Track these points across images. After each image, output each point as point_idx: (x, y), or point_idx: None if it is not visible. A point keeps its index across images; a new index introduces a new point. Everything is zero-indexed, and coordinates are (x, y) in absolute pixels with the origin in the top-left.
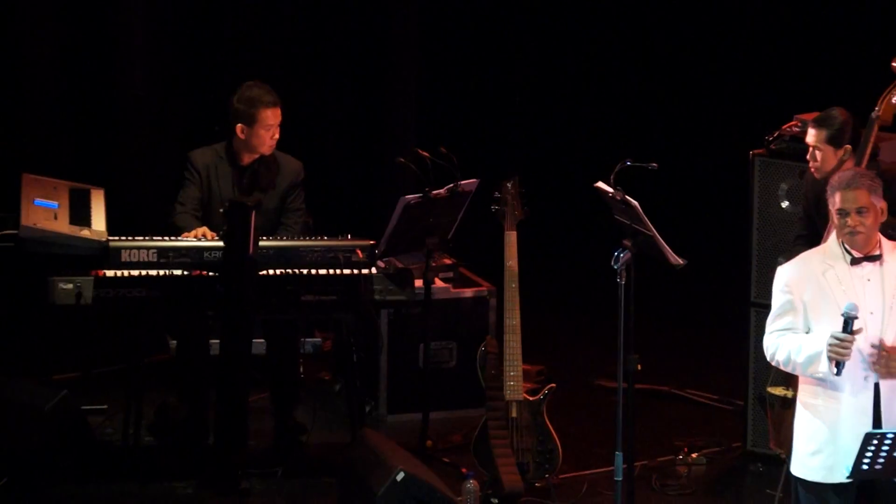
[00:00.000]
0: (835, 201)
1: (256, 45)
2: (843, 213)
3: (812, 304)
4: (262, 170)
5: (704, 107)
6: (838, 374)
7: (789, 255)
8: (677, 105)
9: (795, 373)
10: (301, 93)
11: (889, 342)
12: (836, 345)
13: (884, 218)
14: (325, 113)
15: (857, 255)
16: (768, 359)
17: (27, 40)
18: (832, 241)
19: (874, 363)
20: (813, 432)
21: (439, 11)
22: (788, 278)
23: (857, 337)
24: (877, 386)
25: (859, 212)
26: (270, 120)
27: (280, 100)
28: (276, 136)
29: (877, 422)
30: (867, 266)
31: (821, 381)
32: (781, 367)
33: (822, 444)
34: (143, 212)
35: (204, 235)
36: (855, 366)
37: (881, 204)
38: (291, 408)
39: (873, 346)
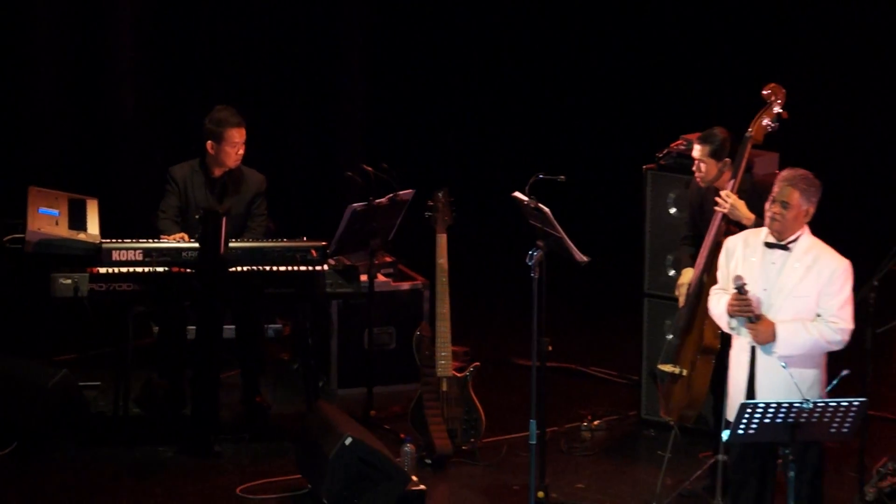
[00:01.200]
0: (774, 189)
1: (228, 75)
2: (773, 200)
3: (734, 271)
4: (230, 181)
5: (606, 128)
6: (735, 329)
7: (676, 253)
8: (584, 127)
9: (720, 323)
10: (266, 117)
11: (770, 317)
12: (732, 304)
13: (807, 219)
14: (286, 133)
15: (771, 241)
16: (710, 309)
17: (34, 73)
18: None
19: (749, 328)
20: (732, 382)
21: (381, 51)
22: (727, 249)
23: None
24: (753, 351)
25: (783, 205)
26: (236, 138)
27: (245, 121)
28: (242, 152)
29: (751, 377)
30: (777, 252)
31: (735, 343)
32: (715, 318)
33: (732, 390)
34: (131, 218)
35: (182, 238)
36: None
37: (809, 207)
38: (256, 383)
39: (752, 326)
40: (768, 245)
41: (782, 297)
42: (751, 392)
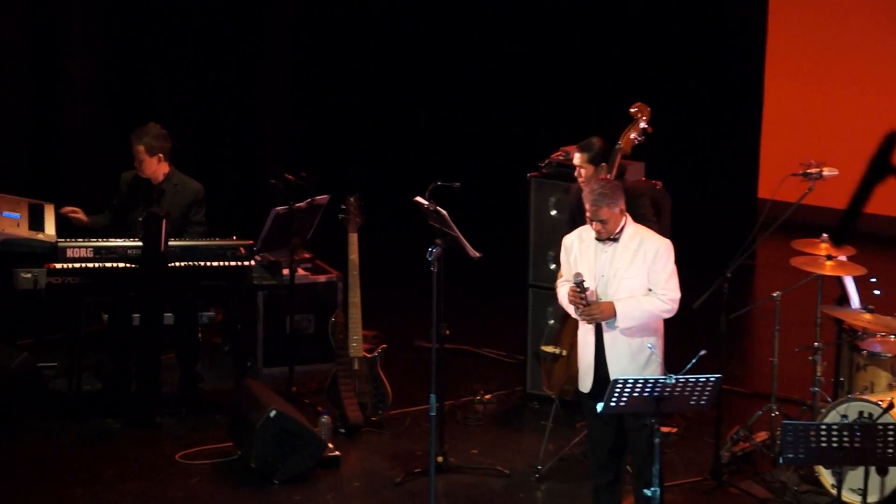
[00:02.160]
0: (587, 209)
1: (171, 93)
2: (591, 221)
3: (573, 263)
4: (168, 188)
5: (496, 141)
6: (578, 314)
7: (557, 249)
8: (477, 140)
9: (567, 309)
10: (202, 131)
11: (605, 298)
12: (570, 295)
13: (623, 214)
14: (219, 145)
15: (601, 238)
16: (560, 297)
17: None
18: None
19: (582, 313)
20: (581, 358)
21: (302, 75)
22: (565, 246)
23: (588, 290)
24: (599, 329)
25: (602, 223)
26: (136, 152)
27: (140, 139)
28: (143, 167)
29: (599, 351)
30: (608, 244)
31: (582, 325)
32: (563, 306)
33: (581, 366)
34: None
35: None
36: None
37: (619, 207)
38: (192, 363)
39: (588, 309)
40: (600, 240)
41: (617, 280)
42: (598, 366)
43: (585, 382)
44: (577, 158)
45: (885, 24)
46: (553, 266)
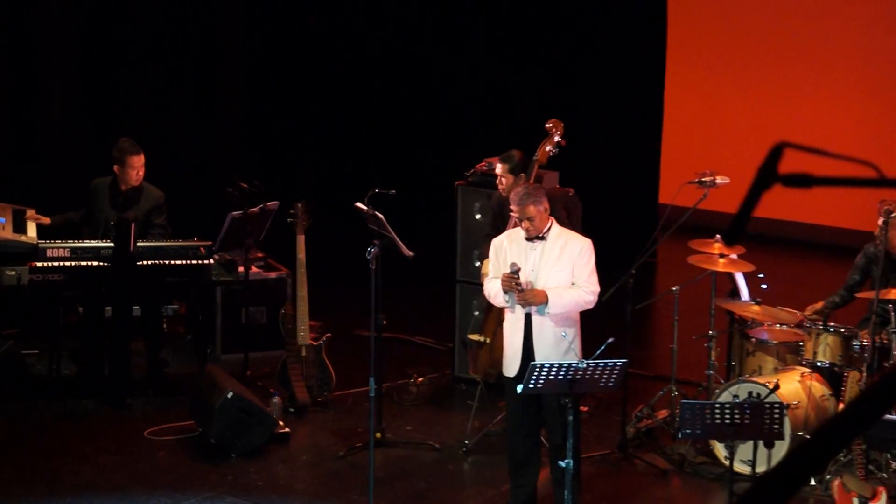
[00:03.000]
0: (514, 210)
1: (137, 110)
2: (520, 220)
3: (503, 260)
4: (133, 195)
5: (427, 154)
6: (509, 302)
7: (481, 249)
8: (411, 153)
9: (495, 301)
10: (165, 144)
11: (536, 287)
12: (504, 281)
13: (548, 212)
14: (180, 156)
15: (530, 236)
16: (485, 292)
17: None
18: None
19: (518, 298)
20: (509, 344)
21: (254, 89)
22: (494, 247)
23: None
24: (528, 318)
25: (529, 220)
26: (135, 163)
27: (142, 150)
28: (141, 173)
29: (528, 338)
30: (537, 242)
31: (508, 311)
32: (489, 297)
33: (509, 352)
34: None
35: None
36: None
37: (544, 206)
38: (158, 350)
39: (522, 294)
40: (529, 239)
41: (545, 273)
42: (526, 352)
43: (512, 367)
44: (498, 169)
45: (774, 44)
46: (477, 264)
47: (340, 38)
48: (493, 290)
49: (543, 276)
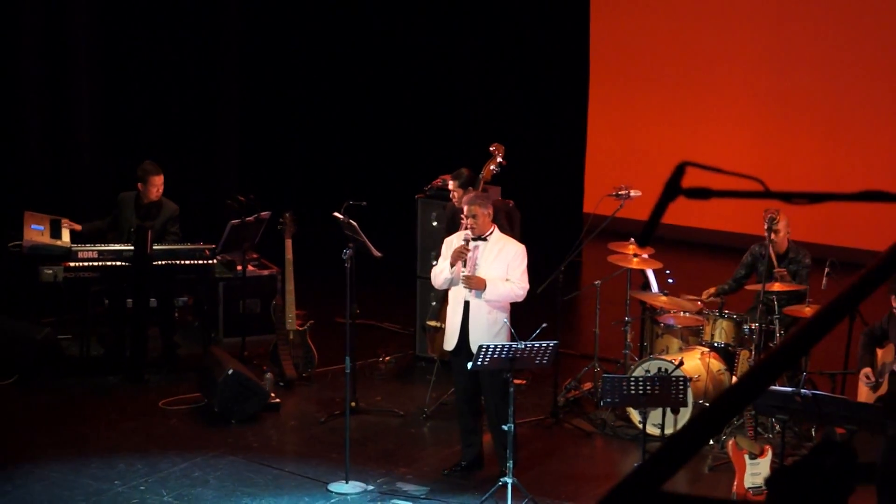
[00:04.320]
0: (464, 209)
1: (157, 137)
2: (467, 217)
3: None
4: (153, 208)
5: (393, 171)
6: (446, 284)
7: (437, 250)
8: (379, 170)
9: (436, 282)
10: (177, 164)
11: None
12: (454, 254)
13: (491, 217)
14: (188, 174)
15: (473, 236)
16: (431, 273)
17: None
18: None
19: (464, 284)
20: (449, 323)
21: (251, 113)
22: (447, 242)
23: (461, 273)
24: (467, 304)
25: (474, 217)
26: (156, 182)
27: (162, 171)
28: (161, 190)
29: (465, 319)
30: (480, 242)
31: (451, 295)
32: (436, 279)
33: (450, 329)
34: (90, 231)
35: (71, 225)
36: (459, 289)
37: (488, 211)
38: (171, 335)
39: (467, 277)
40: (474, 239)
41: (485, 268)
42: (463, 330)
43: (451, 342)
44: (451, 184)
45: (682, 75)
46: (434, 263)
47: (324, 70)
48: (436, 271)
49: (483, 271)
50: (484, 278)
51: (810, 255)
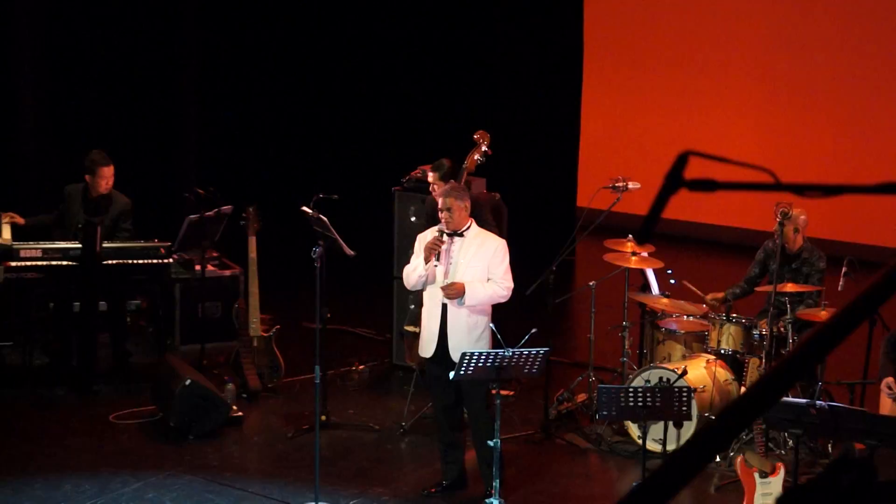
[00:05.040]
0: (439, 201)
1: (102, 123)
2: (441, 210)
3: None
4: (103, 201)
5: (368, 161)
6: (419, 283)
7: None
8: (353, 161)
9: (409, 282)
10: (131, 156)
11: (454, 279)
12: (427, 247)
13: (468, 212)
14: (144, 166)
15: (448, 231)
16: (404, 272)
17: None
18: None
19: (442, 289)
20: (426, 328)
21: (210, 102)
22: (420, 238)
23: (437, 274)
24: (445, 306)
25: (449, 211)
26: (105, 173)
27: (112, 161)
28: (111, 182)
29: (443, 324)
30: (456, 238)
31: (427, 298)
32: (409, 279)
33: (426, 335)
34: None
35: (13, 217)
36: (436, 290)
37: (465, 204)
38: (122, 341)
39: (444, 287)
40: (450, 234)
41: (463, 267)
42: (441, 336)
43: (429, 349)
44: (430, 176)
45: (681, 61)
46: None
47: (288, 57)
48: (408, 269)
49: (461, 269)
50: (462, 283)
51: (826, 259)
